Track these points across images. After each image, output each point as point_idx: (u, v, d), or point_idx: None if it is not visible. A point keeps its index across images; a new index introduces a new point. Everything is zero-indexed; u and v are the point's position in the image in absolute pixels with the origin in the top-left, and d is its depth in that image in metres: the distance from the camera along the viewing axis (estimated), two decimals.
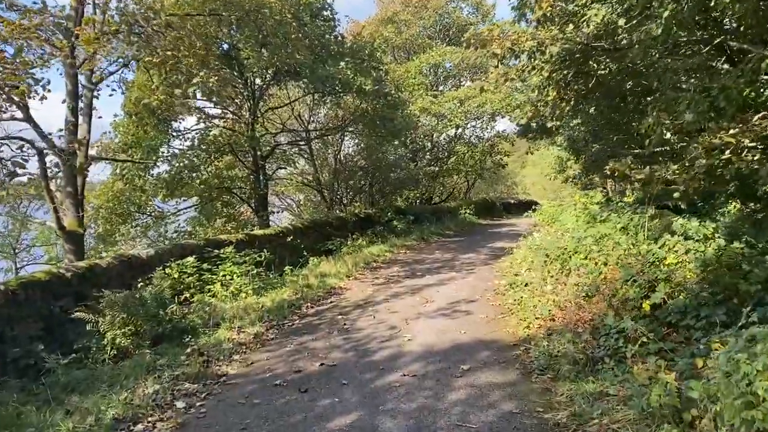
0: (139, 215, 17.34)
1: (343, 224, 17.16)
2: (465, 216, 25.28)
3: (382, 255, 14.44)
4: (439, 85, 29.40)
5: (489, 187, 44.88)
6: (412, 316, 7.75)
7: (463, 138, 29.05)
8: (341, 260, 13.60)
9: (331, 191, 21.00)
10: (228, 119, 17.84)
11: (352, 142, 22.80)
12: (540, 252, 12.08)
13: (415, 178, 23.13)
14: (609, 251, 7.42)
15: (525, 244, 14.29)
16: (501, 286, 9.54)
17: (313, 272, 12.07)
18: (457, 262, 12.71)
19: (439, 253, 14.67)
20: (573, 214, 12.80)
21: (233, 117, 17.29)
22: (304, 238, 15.25)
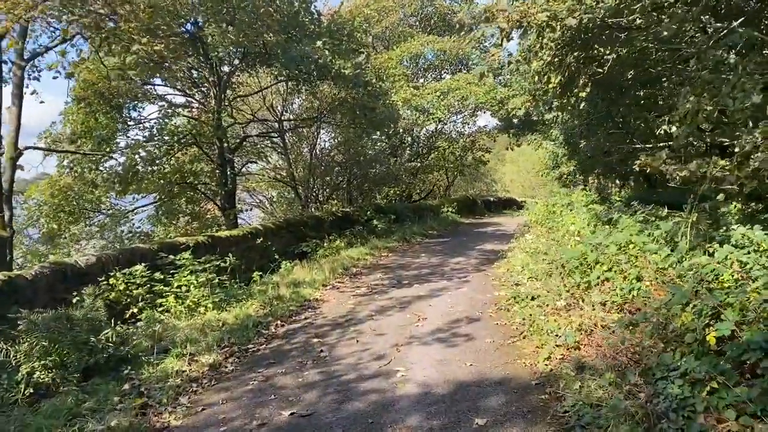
0: (94, 214, 15.71)
1: (319, 224, 15.75)
2: (447, 215, 24.05)
3: (363, 259, 13.08)
4: (419, 77, 28.14)
5: (468, 185, 43.81)
6: (403, 341, 6.41)
7: (444, 133, 27.87)
8: (317, 265, 12.21)
9: (306, 188, 19.54)
10: (194, 109, 16.31)
11: (328, 135, 21.40)
12: (539, 256, 10.89)
13: (396, 174, 21.82)
14: (641, 263, 6.18)
15: (518, 246, 13.12)
16: (503, 299, 8.26)
17: (285, 280, 10.67)
18: (447, 268, 11.41)
19: (425, 256, 13.37)
20: (575, 214, 11.60)
21: (199, 107, 15.76)
22: (276, 240, 13.85)
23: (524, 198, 52.92)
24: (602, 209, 11.30)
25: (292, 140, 21.11)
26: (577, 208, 12.42)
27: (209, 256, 9.54)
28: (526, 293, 8.02)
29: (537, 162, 56.65)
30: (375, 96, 14.13)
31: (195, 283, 8.56)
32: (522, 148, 43.41)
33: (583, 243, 8.37)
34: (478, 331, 6.67)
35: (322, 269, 11.46)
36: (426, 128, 27.30)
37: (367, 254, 13.67)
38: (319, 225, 15.69)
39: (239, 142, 15.89)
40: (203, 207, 18.08)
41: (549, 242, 12.38)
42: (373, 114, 13.39)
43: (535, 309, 7.19)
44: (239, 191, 23.88)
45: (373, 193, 21.96)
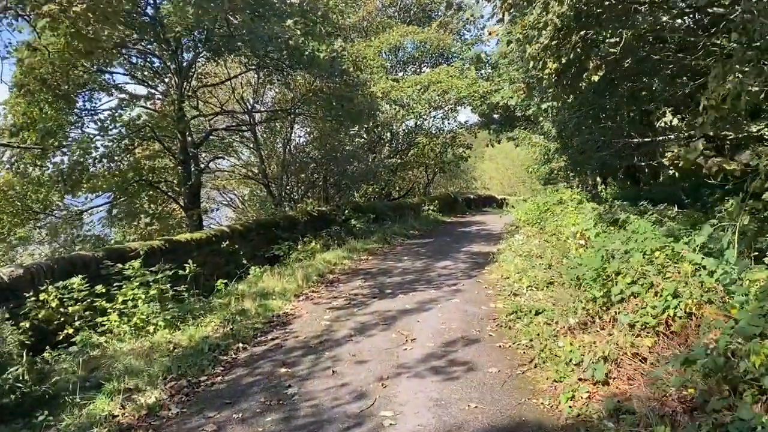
0: (43, 215, 14.24)
1: (292, 225, 14.55)
2: (429, 213, 23.02)
3: (340, 263, 11.92)
4: (399, 70, 27.05)
5: (448, 182, 42.84)
6: (389, 371, 5.28)
7: (424, 128, 26.81)
8: (289, 271, 11.04)
9: (280, 186, 18.28)
10: (157, 102, 14.94)
11: (304, 130, 20.18)
12: (535, 261, 9.87)
13: (374, 171, 20.68)
14: (675, 276, 5.14)
15: (509, 248, 12.11)
16: (501, 312, 7.19)
17: (252, 289, 9.47)
18: (433, 274, 10.31)
19: (408, 260, 12.26)
20: (577, 214, 10.60)
21: (162, 99, 14.40)
22: (245, 243, 12.63)
23: (504, 195, 52.33)
24: (602, 208, 10.32)
25: (265, 135, 19.86)
26: (577, 208, 11.45)
27: (163, 264, 8.30)
28: (528, 306, 6.97)
29: (517, 159, 56.28)
30: (353, 86, 12.96)
31: (143, 298, 7.31)
32: (501, 146, 42.62)
33: (593, 248, 7.33)
34: (479, 357, 5.57)
35: (294, 276, 10.29)
36: (405, 123, 26.24)
37: (344, 258, 12.51)
38: (293, 226, 14.49)
39: (205, 136, 14.58)
40: (168, 207, 16.73)
41: (543, 244, 11.40)
42: (350, 105, 12.21)
43: (542, 327, 6.13)
44: (208, 189, 22.57)
45: (351, 191, 20.79)
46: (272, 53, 11.52)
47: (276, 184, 18.51)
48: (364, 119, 12.62)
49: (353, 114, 12.37)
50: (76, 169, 10.78)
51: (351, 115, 12.46)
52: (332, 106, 12.50)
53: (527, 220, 13.82)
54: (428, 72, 23.76)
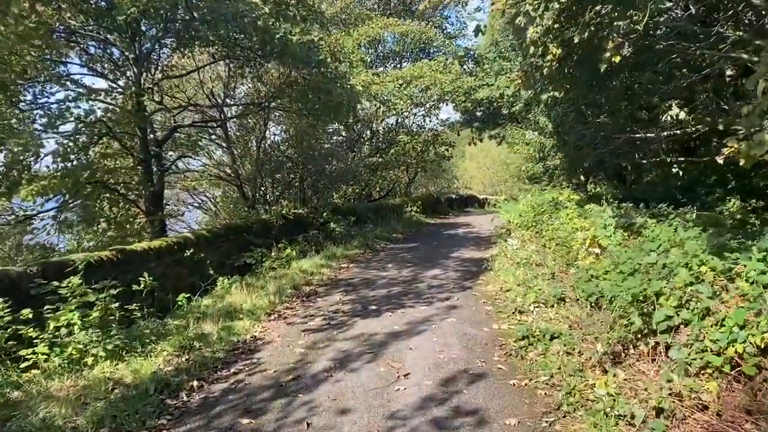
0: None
1: (266, 229, 13.35)
2: (412, 215, 21.95)
3: (318, 272, 10.77)
4: (378, 65, 25.94)
5: (429, 182, 41.83)
6: (379, 425, 4.15)
7: (405, 126, 25.77)
8: (262, 282, 9.89)
9: (254, 187, 17.03)
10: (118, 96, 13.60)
11: (279, 128, 18.94)
12: (537, 270, 8.85)
13: (354, 171, 19.53)
14: (741, 300, 4.12)
15: (503, 255, 11.09)
16: (508, 336, 6.11)
17: (218, 305, 8.30)
18: (423, 285, 9.22)
19: (393, 267, 11.15)
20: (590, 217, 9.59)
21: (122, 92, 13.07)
22: (212, 251, 11.43)
23: (485, 195, 51.59)
24: (609, 210, 9.34)
25: (239, 133, 18.60)
26: (580, 210, 10.46)
27: (110, 279, 7.08)
28: (539, 329, 5.91)
29: (498, 158, 55.56)
30: (331, 78, 11.81)
31: (79, 324, 6.09)
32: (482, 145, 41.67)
33: (613, 259, 6.32)
34: (490, 401, 4.48)
35: (266, 289, 9.13)
36: (386, 121, 25.16)
37: (323, 266, 11.37)
38: (267, 230, 13.29)
39: (169, 133, 13.29)
40: (132, 211, 15.37)
41: (543, 251, 10.40)
42: (328, 97, 11.05)
43: (563, 358, 5.07)
44: (178, 190, 21.21)
45: (329, 193, 19.60)
46: (240, 39, 10.32)
47: (249, 185, 17.27)
48: (343, 113, 11.47)
49: (331, 107, 11.21)
50: (14, 167, 9.45)
51: (329, 109, 11.30)
52: (308, 99, 11.31)
53: (521, 223, 12.82)
54: (410, 67, 22.67)
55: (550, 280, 8.27)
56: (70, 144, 11.37)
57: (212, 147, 19.83)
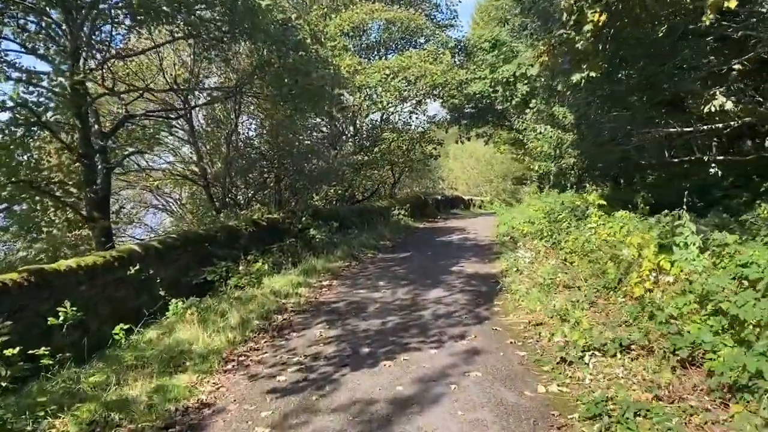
0: None
1: (233, 238, 11.35)
2: (399, 218, 20.07)
3: (294, 293, 8.82)
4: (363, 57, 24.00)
5: (414, 182, 40.01)
6: None
7: (391, 122, 23.92)
8: (224, 305, 7.93)
9: (223, 187, 14.99)
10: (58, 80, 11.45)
11: (253, 121, 16.93)
12: (572, 295, 7.05)
13: (337, 170, 17.58)
14: None
15: (516, 270, 9.29)
16: (564, 406, 4.24)
17: (161, 343, 6.36)
18: (426, 312, 7.31)
19: (386, 286, 9.23)
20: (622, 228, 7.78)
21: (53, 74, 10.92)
22: (165, 266, 9.44)
23: (470, 196, 50.02)
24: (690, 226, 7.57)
25: (208, 127, 16.56)
26: (625, 219, 8.65)
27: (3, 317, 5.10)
28: (611, 399, 4.07)
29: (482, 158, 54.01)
30: (310, 60, 9.85)
31: None
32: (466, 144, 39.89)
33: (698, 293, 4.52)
34: None
35: (227, 319, 7.16)
36: (370, 117, 23.26)
37: (300, 284, 9.42)
38: (234, 239, 11.29)
39: (118, 124, 11.22)
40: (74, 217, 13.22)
41: (568, 268, 8.61)
42: (307, 80, 9.08)
43: None
44: (139, 190, 19.06)
45: (309, 194, 17.63)
46: (202, 8, 8.33)
47: (220, 186, 15.22)
48: (325, 100, 9.50)
49: (311, 92, 9.22)
50: None
51: (308, 94, 9.30)
52: (283, 83, 9.33)
53: (533, 231, 11.01)
54: (397, 56, 20.76)
55: (591, 311, 6.47)
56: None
57: (177, 142, 17.82)
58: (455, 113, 28.27)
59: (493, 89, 21.11)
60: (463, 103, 25.18)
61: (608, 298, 6.90)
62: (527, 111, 14.13)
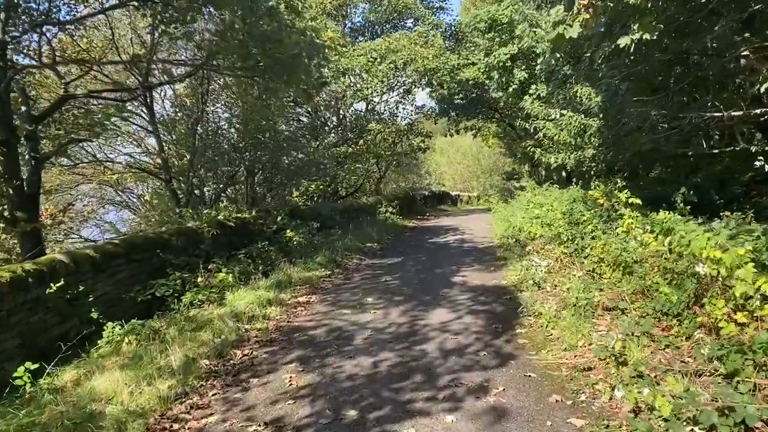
0: None
1: (193, 242, 9.56)
2: (387, 217, 18.34)
3: (262, 314, 7.05)
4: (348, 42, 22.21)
5: (400, 177, 38.29)
6: None
7: (377, 112, 22.19)
8: (173, 331, 6.22)
9: (187, 182, 13.14)
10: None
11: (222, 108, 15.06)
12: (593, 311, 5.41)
13: (318, 163, 15.80)
14: None
15: (532, 282, 7.64)
16: None
17: (74, 395, 4.61)
18: (430, 348, 5.58)
19: (376, 304, 7.49)
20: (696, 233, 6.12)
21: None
22: (103, 280, 7.68)
23: (457, 191, 48.47)
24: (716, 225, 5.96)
25: (173, 114, 14.72)
26: (671, 222, 7.03)
27: None
28: None
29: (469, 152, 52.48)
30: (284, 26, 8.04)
31: None
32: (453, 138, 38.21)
33: None
34: None
35: (167, 357, 5.39)
36: (355, 107, 21.53)
37: (270, 301, 7.65)
38: (194, 244, 9.50)
39: (53, 105, 9.34)
40: None
41: (594, 279, 6.99)
42: (278, 48, 7.25)
43: None
44: (96, 185, 17.09)
45: (287, 190, 15.85)
46: None
47: (183, 180, 13.38)
48: (300, 73, 7.71)
49: (283, 63, 7.40)
50: None
51: (280, 66, 7.48)
52: (249, 53, 7.49)
53: (547, 234, 9.36)
54: (384, 38, 18.98)
55: (657, 350, 4.82)
56: None
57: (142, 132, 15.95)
58: (444, 104, 26.71)
59: (487, 75, 19.42)
60: (454, 91, 23.57)
61: (670, 328, 5.26)
62: (526, 98, 12.42)
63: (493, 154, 47.25)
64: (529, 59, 17.62)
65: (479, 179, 51.42)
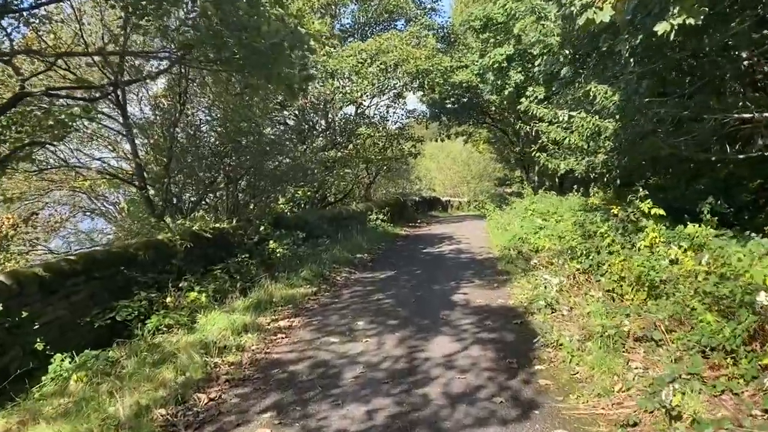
0: None
1: (164, 256, 8.58)
2: (377, 225, 17.44)
3: (236, 344, 6.09)
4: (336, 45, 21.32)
5: (390, 182, 37.32)
6: None
7: (367, 116, 21.32)
8: (134, 364, 5.31)
9: (162, 190, 12.13)
10: None
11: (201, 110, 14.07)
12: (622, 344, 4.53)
13: (305, 167, 14.87)
14: None
15: (544, 301, 6.77)
16: None
17: None
18: (435, 391, 4.64)
19: (368, 330, 6.56)
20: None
21: None
22: (55, 303, 6.71)
23: (447, 197, 47.75)
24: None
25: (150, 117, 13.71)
26: (702, 236, 6.20)
27: None
28: None
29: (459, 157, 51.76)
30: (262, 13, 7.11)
31: None
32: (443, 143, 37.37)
33: None
34: None
35: (115, 403, 4.44)
36: (344, 110, 20.63)
37: (246, 326, 6.70)
38: (164, 259, 8.52)
39: (6, 104, 8.34)
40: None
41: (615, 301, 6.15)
42: (255, 36, 6.32)
43: None
44: (68, 192, 16.04)
45: (273, 197, 14.89)
46: None
47: (159, 187, 12.37)
48: (282, 65, 6.73)
49: (263, 54, 6.45)
50: None
51: (259, 57, 6.51)
52: (223, 42, 6.55)
53: (558, 248, 8.51)
54: (375, 38, 18.10)
55: (713, 397, 3.96)
56: None
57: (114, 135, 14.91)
58: (435, 108, 25.97)
59: (481, 78, 18.63)
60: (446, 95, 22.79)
61: (720, 367, 4.40)
62: (522, 100, 11.60)
63: (483, 160, 46.71)
64: (525, 60, 16.88)
65: (469, 184, 50.82)
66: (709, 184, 12.19)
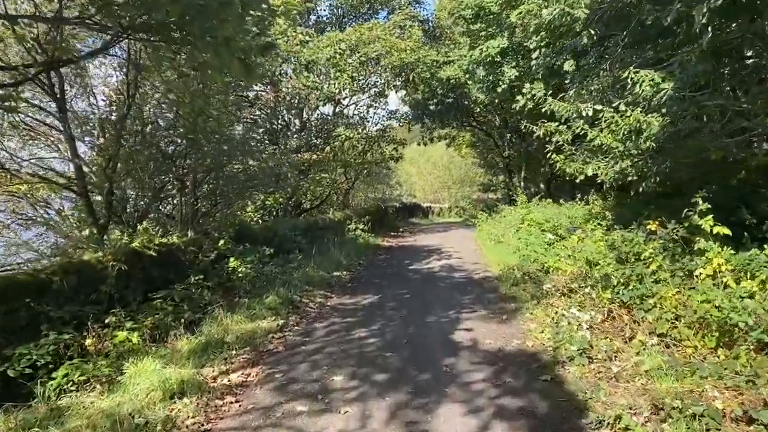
0: None
1: (92, 280, 6.78)
2: (357, 235, 15.76)
3: (160, 421, 4.34)
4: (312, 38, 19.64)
5: (369, 187, 35.62)
6: None
7: (345, 117, 19.68)
8: None
9: (104, 196, 10.28)
10: None
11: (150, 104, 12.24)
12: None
13: (278, 172, 13.12)
14: None
15: (574, 348, 5.16)
16: None
17: None
18: None
19: (346, 392, 4.88)
20: None
21: None
22: None
23: (428, 203, 46.34)
24: None
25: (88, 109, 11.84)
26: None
27: None
28: None
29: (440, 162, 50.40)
30: None
31: None
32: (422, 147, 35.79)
33: None
34: None
35: None
36: (321, 109, 18.95)
37: (185, 385, 4.95)
38: (93, 284, 6.72)
39: None
40: None
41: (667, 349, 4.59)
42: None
43: None
44: (4, 197, 13.97)
45: (238, 205, 13.11)
46: None
47: (103, 194, 10.51)
48: (233, 27, 5.03)
49: (207, 15, 4.70)
50: None
51: (203, 20, 4.76)
52: (158, 3, 4.81)
53: (583, 273, 6.94)
54: (356, 27, 16.43)
55: None
56: None
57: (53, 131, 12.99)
58: (418, 110, 24.51)
59: (470, 74, 17.12)
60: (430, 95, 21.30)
61: None
62: (518, 98, 10.08)
63: (465, 164, 45.43)
64: (520, 55, 15.43)
65: (450, 190, 49.51)
66: (720, 191, 10.74)
